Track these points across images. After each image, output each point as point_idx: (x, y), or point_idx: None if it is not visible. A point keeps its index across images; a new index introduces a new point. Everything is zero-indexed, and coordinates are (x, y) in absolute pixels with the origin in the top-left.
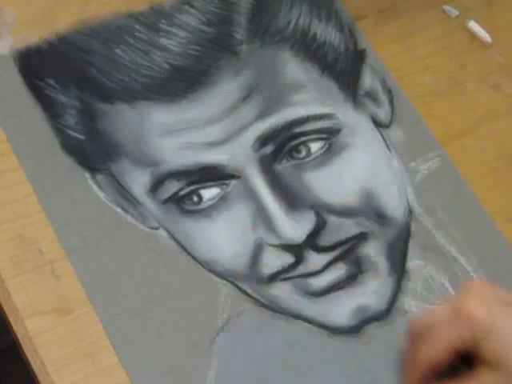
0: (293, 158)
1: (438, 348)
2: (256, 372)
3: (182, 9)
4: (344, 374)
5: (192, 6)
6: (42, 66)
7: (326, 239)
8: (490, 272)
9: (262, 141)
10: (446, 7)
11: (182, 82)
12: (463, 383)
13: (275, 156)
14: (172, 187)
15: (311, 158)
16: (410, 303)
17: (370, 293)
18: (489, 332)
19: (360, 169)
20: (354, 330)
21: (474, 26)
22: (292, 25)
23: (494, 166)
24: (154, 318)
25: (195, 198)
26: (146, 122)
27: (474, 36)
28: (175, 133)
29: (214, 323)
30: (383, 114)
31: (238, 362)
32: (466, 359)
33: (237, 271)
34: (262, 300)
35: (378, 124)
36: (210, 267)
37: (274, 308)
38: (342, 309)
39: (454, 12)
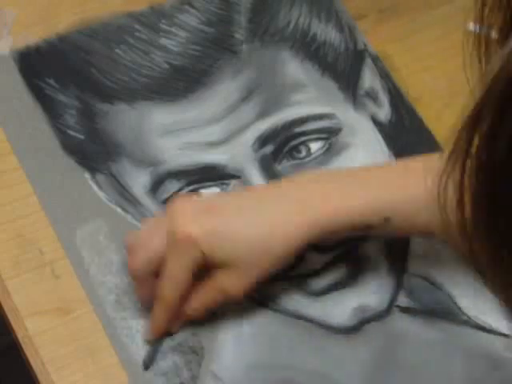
0: (293, 157)
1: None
2: (256, 372)
3: (182, 9)
4: (343, 373)
5: (192, 6)
6: (42, 66)
7: None
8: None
9: (262, 141)
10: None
11: (181, 81)
12: (206, 283)
13: (275, 156)
14: (172, 187)
15: (311, 157)
16: (409, 303)
17: (370, 292)
18: (210, 245)
19: None
20: (354, 329)
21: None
22: (292, 25)
23: None
24: None
25: None
26: (146, 122)
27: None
28: (175, 133)
29: (213, 323)
30: (383, 113)
31: (238, 362)
32: None
33: None
34: (263, 300)
35: (377, 124)
36: None
37: (274, 308)
38: (341, 308)
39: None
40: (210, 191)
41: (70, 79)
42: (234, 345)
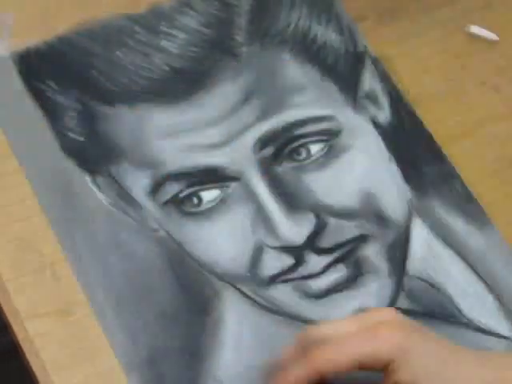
0: (293, 159)
1: (340, 355)
2: (256, 372)
3: (181, 11)
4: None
5: (192, 8)
6: (41, 68)
7: (325, 241)
8: (487, 273)
9: (262, 143)
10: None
11: (181, 83)
12: None
13: (275, 158)
14: (172, 189)
15: (311, 159)
16: (409, 305)
17: (370, 295)
18: (405, 356)
19: (360, 171)
20: None
21: (475, 28)
22: (292, 27)
23: (494, 168)
24: (154, 321)
25: (195, 200)
26: (146, 124)
27: (473, 38)
28: (175, 135)
29: (213, 324)
30: (383, 116)
31: (238, 363)
32: None
33: (237, 273)
34: (263, 302)
35: (377, 126)
36: (209, 269)
37: (275, 310)
38: (342, 311)
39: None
40: (210, 193)
41: (69, 81)
42: (234, 346)
